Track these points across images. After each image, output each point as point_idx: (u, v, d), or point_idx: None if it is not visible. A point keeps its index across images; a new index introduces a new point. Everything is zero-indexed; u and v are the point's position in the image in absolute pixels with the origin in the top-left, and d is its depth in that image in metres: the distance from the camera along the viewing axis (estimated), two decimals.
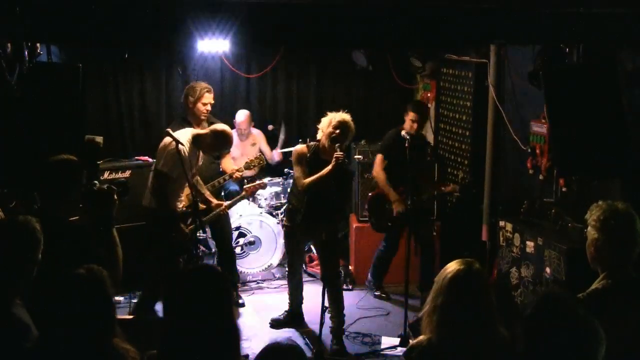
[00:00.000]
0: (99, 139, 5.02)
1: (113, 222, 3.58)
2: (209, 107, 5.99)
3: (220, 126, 5.37)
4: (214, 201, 5.76)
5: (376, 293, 6.64)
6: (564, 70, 4.66)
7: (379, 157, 6.33)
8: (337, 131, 5.20)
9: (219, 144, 5.34)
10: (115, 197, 3.59)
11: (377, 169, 6.30)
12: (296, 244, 5.75)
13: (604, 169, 4.41)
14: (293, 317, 5.92)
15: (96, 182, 3.73)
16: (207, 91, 5.96)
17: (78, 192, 3.60)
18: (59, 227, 3.46)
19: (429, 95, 7.96)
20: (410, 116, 6.17)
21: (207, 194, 5.75)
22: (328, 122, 5.30)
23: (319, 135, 5.40)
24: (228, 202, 6.03)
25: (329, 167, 5.16)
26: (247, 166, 6.14)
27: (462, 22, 4.46)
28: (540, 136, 5.58)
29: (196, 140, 5.24)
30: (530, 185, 5.85)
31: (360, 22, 4.40)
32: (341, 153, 5.13)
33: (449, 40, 5.82)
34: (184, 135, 5.20)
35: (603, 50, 4.83)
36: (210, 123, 5.89)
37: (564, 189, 5.37)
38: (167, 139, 5.11)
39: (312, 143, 5.51)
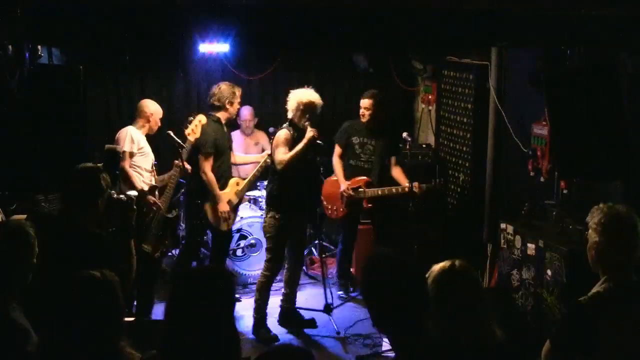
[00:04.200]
0: (119, 147, 5.16)
1: (132, 233, 3.59)
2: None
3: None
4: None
5: (342, 295, 6.55)
6: (565, 73, 4.66)
7: (335, 147, 6.46)
8: (307, 115, 5.48)
9: (143, 111, 5.71)
10: (135, 207, 3.59)
11: (334, 158, 6.45)
12: (285, 236, 5.65)
13: (605, 171, 4.40)
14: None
15: (113, 191, 3.73)
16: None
17: (103, 201, 3.61)
18: (77, 235, 3.47)
19: (430, 97, 7.97)
20: (362, 104, 6.32)
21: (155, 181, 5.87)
22: (296, 106, 5.50)
23: (290, 115, 5.57)
24: None
25: (302, 142, 5.38)
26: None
27: (464, 25, 4.46)
28: (541, 138, 5.58)
29: (133, 124, 5.71)
30: (532, 187, 5.85)
31: (361, 24, 4.40)
32: (313, 129, 5.39)
33: (451, 43, 5.82)
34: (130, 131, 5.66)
35: (604, 53, 4.84)
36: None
37: (565, 191, 5.36)
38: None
39: (284, 125, 5.60)
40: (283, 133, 5.50)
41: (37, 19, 3.99)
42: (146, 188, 5.51)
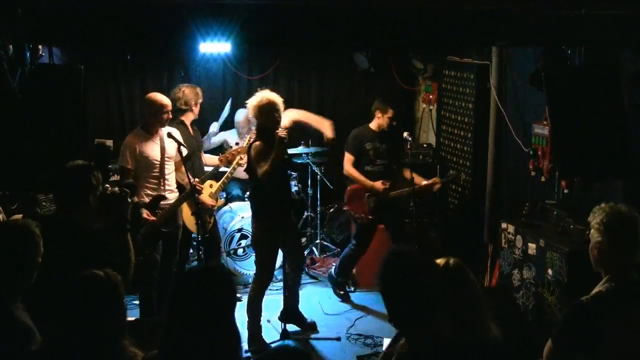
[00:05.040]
0: (109, 142, 5.07)
1: (128, 226, 3.58)
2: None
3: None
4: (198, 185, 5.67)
5: (341, 292, 6.55)
6: (565, 72, 4.65)
7: (347, 156, 6.32)
8: (276, 114, 5.29)
9: (151, 106, 5.43)
10: (129, 199, 3.59)
11: (348, 167, 6.31)
12: (277, 244, 5.58)
13: (606, 171, 4.41)
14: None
15: (108, 185, 3.72)
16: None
17: (95, 198, 3.60)
18: (74, 234, 3.48)
19: (430, 97, 7.97)
20: (389, 114, 6.26)
21: (186, 181, 5.68)
22: (259, 111, 5.32)
23: (255, 127, 5.48)
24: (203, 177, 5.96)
25: (275, 146, 5.18)
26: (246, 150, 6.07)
27: (464, 24, 4.46)
28: (542, 138, 5.58)
29: (143, 126, 5.47)
30: (532, 187, 5.85)
31: (361, 23, 4.39)
32: (281, 130, 5.23)
33: (451, 42, 5.81)
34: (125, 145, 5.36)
35: (605, 52, 4.83)
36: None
37: (565, 191, 5.36)
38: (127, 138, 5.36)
39: (253, 139, 5.46)
40: (256, 146, 5.32)
41: (37, 19, 3.99)
42: (149, 197, 5.38)
